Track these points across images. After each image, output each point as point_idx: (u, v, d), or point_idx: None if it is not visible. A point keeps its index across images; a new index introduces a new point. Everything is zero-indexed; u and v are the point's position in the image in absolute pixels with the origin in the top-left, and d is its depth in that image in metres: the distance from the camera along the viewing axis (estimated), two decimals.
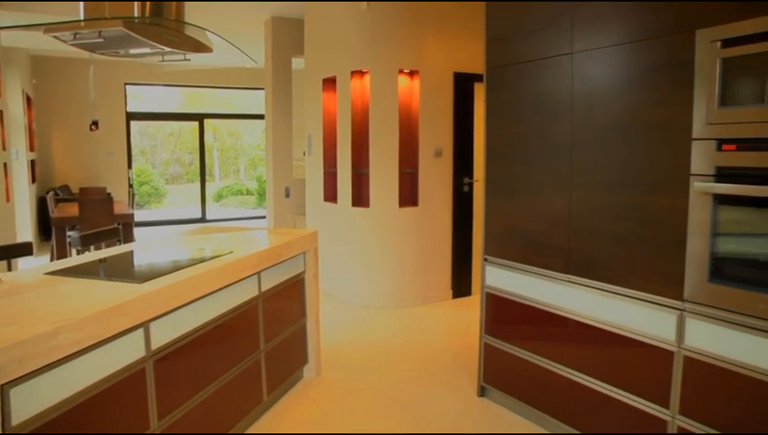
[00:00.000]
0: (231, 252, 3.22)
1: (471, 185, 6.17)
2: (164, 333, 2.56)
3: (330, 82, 6.36)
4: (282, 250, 3.55)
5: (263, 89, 8.61)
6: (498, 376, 3.62)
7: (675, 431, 2.64)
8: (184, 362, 2.71)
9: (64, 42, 3.20)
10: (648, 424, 2.76)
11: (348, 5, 5.84)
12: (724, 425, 2.45)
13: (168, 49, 3.57)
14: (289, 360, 3.82)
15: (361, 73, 5.95)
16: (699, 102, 2.45)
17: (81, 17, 3.20)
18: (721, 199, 2.42)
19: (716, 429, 2.48)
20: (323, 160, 6.54)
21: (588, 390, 3.04)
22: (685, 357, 2.58)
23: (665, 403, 2.68)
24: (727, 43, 2.33)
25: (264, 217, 11.12)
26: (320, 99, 6.49)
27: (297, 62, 7.81)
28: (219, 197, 14.78)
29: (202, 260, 3.03)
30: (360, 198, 6.03)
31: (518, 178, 3.40)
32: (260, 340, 3.39)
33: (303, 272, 3.98)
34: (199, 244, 3.61)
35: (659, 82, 2.63)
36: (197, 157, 12.97)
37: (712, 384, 2.49)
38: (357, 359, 4.48)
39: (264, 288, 3.43)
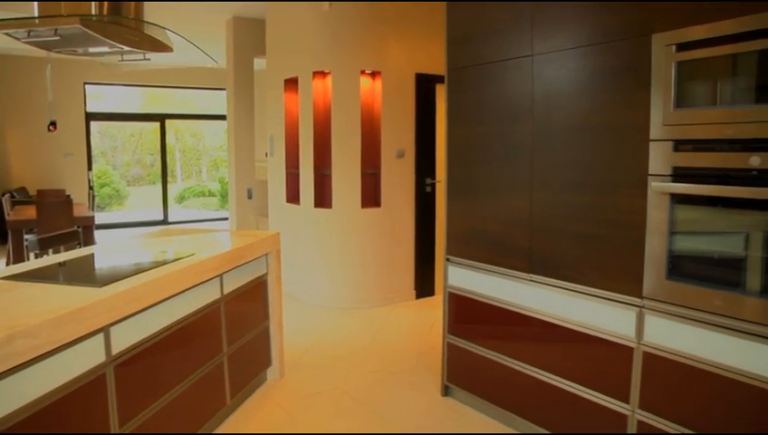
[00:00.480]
0: (193, 254, 3.16)
1: (433, 186, 6.17)
2: (125, 338, 2.49)
3: (292, 83, 6.30)
4: (244, 252, 3.50)
5: (224, 89, 8.51)
6: (462, 375, 3.62)
7: (634, 425, 2.68)
8: (145, 366, 2.65)
9: (18, 39, 3.10)
10: (608, 419, 2.79)
11: (309, 6, 5.79)
12: (682, 418, 2.50)
13: (127, 48, 3.49)
14: (252, 362, 3.76)
15: (323, 74, 5.91)
16: (656, 104, 2.48)
17: (36, 14, 3.10)
18: (678, 199, 2.46)
19: (674, 421, 2.52)
20: (286, 161, 6.47)
21: (550, 387, 3.06)
22: (644, 353, 2.62)
23: (625, 398, 2.71)
24: (681, 47, 2.38)
25: (226, 219, 10.98)
26: (282, 100, 6.43)
27: (259, 63, 7.73)
28: (181, 198, 14.54)
29: (163, 263, 2.97)
30: (322, 199, 5.99)
31: (480, 178, 3.40)
32: (223, 343, 3.33)
33: (266, 274, 3.93)
34: (161, 246, 3.53)
35: (617, 84, 2.66)
36: (159, 158, 12.75)
37: (669, 378, 2.53)
38: (320, 360, 4.44)
39: (226, 290, 3.37)
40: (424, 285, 6.28)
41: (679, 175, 2.43)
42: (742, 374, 2.28)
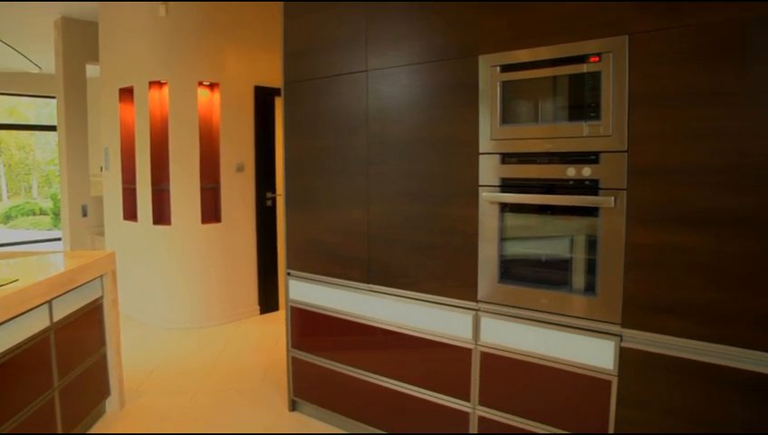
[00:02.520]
0: (16, 280, 2.79)
1: (274, 199, 5.99)
2: None
3: (127, 93, 5.84)
4: (76, 275, 3.16)
5: (54, 97, 7.75)
6: (308, 389, 3.52)
7: (476, 421, 2.74)
8: None
9: None
10: (452, 418, 2.83)
11: (145, 11, 5.40)
12: (517, 409, 2.61)
13: None
14: (88, 394, 3.40)
15: (160, 84, 5.56)
16: (484, 120, 2.57)
17: None
18: (508, 207, 2.56)
19: (510, 413, 2.63)
20: (122, 176, 5.99)
21: (396, 393, 3.05)
22: (481, 353, 2.69)
23: (466, 397, 2.77)
24: (505, 68, 2.49)
25: (59, 240, 10.06)
26: (117, 110, 5.94)
27: (93, 70, 7.11)
28: (7, 218, 13.12)
29: None
30: (161, 216, 5.61)
31: (318, 191, 3.33)
32: (53, 376, 2.97)
33: (101, 297, 3.59)
34: None
35: (448, 100, 2.71)
36: None
37: (504, 374, 2.63)
38: (164, 385, 4.13)
39: (56, 318, 3.01)
40: (268, 300, 6.07)
41: (507, 185, 2.53)
42: (568, 364, 2.43)
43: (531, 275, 2.56)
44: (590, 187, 2.30)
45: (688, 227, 2.09)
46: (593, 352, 2.36)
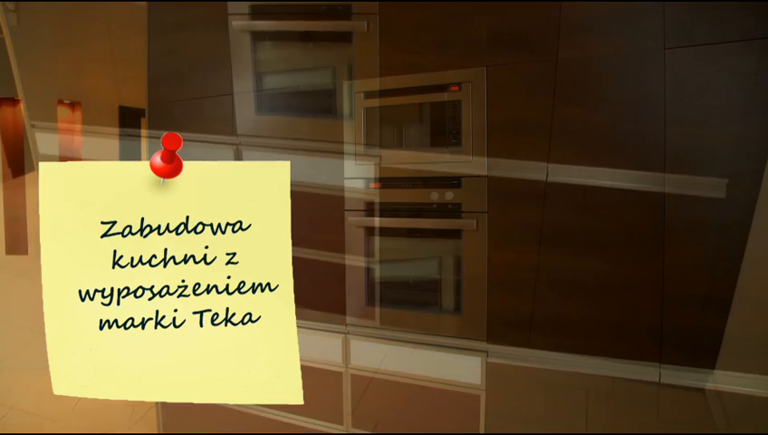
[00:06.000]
0: None
1: None
2: None
3: None
4: None
5: None
6: (180, 422, 3.28)
7: None
8: None
9: None
10: None
11: None
12: (389, 429, 2.56)
13: None
14: None
15: (14, 101, 5.04)
16: (348, 145, 2.51)
17: None
18: (375, 231, 2.52)
19: (384, 433, 2.58)
20: None
21: (270, 420, 2.90)
22: (352, 375, 2.63)
23: (340, 420, 2.69)
24: (368, 94, 2.46)
25: None
26: None
27: None
28: None
29: None
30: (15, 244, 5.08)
31: None
32: None
33: None
34: None
35: (313, 125, 2.62)
36: None
37: (375, 395, 2.58)
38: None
39: None
40: None
41: (372, 210, 2.49)
42: (439, 382, 2.42)
43: (399, 297, 2.53)
44: (454, 210, 2.31)
45: (544, 247, 2.14)
46: (462, 369, 2.36)
